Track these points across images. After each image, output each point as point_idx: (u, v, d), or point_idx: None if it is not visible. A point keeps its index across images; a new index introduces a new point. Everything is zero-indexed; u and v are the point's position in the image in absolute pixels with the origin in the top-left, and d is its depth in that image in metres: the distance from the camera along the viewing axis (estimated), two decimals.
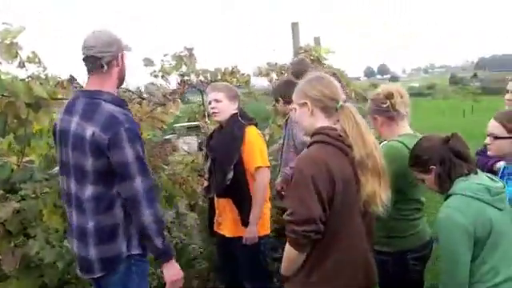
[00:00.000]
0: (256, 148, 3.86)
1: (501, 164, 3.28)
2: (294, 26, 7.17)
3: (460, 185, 2.55)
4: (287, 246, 2.45)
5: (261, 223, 3.90)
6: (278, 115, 5.99)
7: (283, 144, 4.63)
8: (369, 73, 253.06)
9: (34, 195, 3.19)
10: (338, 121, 2.51)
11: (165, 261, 2.73)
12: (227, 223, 3.96)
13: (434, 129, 10.07)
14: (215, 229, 4.10)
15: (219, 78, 5.16)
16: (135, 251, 2.72)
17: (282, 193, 4.45)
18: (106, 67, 2.69)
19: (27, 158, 3.57)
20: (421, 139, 2.77)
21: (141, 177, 2.59)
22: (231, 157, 3.82)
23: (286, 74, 6.46)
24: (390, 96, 3.01)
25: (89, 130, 2.58)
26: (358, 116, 2.49)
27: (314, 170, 2.33)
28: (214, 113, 3.96)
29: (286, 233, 2.41)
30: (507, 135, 2.83)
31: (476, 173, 2.61)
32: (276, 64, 6.46)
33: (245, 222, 3.83)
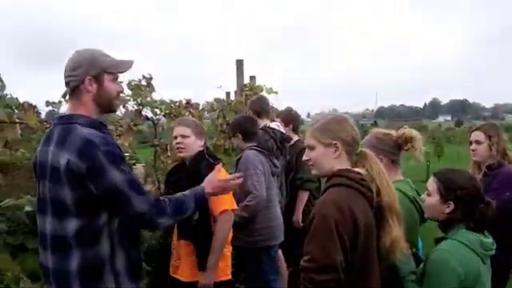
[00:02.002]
0: None
1: None
2: (239, 63, 7.12)
3: (461, 233, 2.53)
4: None
5: (221, 268, 3.66)
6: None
7: None
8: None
9: None
10: (356, 164, 2.43)
11: (202, 197, 2.69)
12: (185, 267, 3.66)
13: None
14: (171, 273, 3.78)
15: (173, 110, 4.94)
16: (126, 286, 2.43)
17: None
18: (71, 93, 2.43)
19: None
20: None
21: (138, 196, 2.33)
22: None
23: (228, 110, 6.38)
24: (411, 140, 2.96)
25: (63, 159, 2.26)
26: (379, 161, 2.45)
27: (337, 215, 2.18)
28: (179, 148, 3.71)
29: (301, 281, 2.23)
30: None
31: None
32: (224, 100, 6.33)
33: (202, 267, 3.55)
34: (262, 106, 5.12)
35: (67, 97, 2.51)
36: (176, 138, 3.71)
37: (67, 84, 2.44)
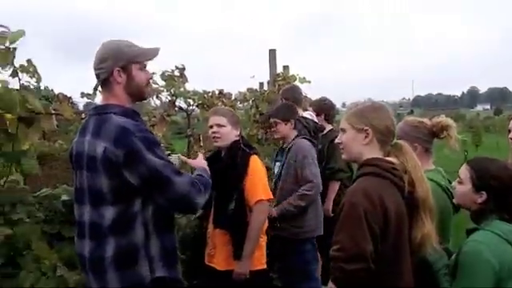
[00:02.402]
0: (259, 179, 3.65)
1: None
2: (271, 52, 7.10)
3: (495, 223, 2.47)
4: (330, 285, 2.27)
5: (257, 257, 3.67)
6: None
7: (280, 173, 4.44)
8: None
9: (28, 220, 2.84)
10: (389, 155, 2.41)
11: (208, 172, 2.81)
12: (221, 256, 3.68)
13: None
14: (206, 261, 3.80)
15: (206, 100, 4.97)
16: (159, 273, 2.46)
17: (277, 224, 4.29)
18: (102, 85, 2.50)
19: (10, 178, 3.21)
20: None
21: (177, 177, 2.37)
22: (234, 186, 3.59)
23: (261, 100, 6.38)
24: (447, 128, 2.94)
25: (100, 147, 2.32)
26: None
27: (366, 204, 2.17)
28: (214, 137, 3.72)
29: (332, 270, 2.23)
30: None
31: None
32: (257, 90, 6.34)
33: (237, 256, 3.57)
34: (295, 95, 5.11)
35: (99, 88, 2.56)
36: (212, 127, 3.72)
37: (97, 76, 2.50)
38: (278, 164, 4.60)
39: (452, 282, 2.50)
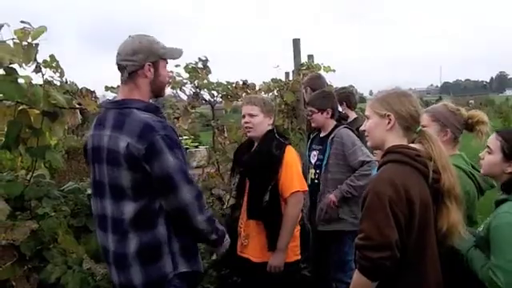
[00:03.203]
0: (294, 170, 3.57)
1: None
2: (296, 42, 7.01)
3: None
4: (356, 274, 2.22)
5: (291, 248, 3.61)
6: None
7: (326, 163, 4.34)
8: None
9: (53, 214, 2.86)
10: (414, 142, 2.36)
11: (219, 244, 2.70)
12: (254, 247, 3.62)
13: None
14: (238, 252, 3.74)
15: (230, 91, 4.94)
16: (182, 268, 2.47)
17: (339, 214, 4.27)
18: (128, 77, 2.47)
19: (36, 173, 3.23)
20: None
21: (187, 185, 2.37)
22: (269, 178, 3.51)
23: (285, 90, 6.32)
24: (480, 123, 2.93)
25: (122, 142, 2.32)
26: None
27: (391, 192, 2.14)
28: (247, 127, 3.65)
29: (357, 259, 2.21)
30: None
31: None
32: (281, 80, 6.27)
33: (272, 247, 3.51)
34: (319, 84, 5.04)
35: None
36: (244, 117, 3.66)
37: (123, 68, 2.48)
38: (314, 153, 4.51)
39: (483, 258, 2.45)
